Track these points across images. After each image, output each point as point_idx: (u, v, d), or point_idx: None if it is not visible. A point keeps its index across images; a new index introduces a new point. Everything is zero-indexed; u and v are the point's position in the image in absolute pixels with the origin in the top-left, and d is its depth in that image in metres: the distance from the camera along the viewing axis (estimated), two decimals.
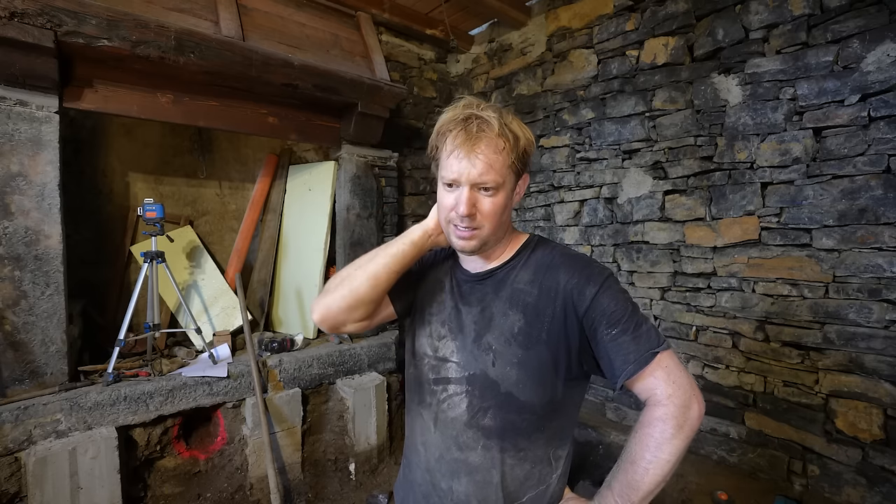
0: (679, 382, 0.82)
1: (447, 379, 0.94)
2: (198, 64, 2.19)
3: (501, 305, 0.90)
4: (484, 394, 0.89)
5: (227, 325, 2.80)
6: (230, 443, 2.43)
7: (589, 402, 3.04)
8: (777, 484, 2.18)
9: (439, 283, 1.01)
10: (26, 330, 1.95)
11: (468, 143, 0.83)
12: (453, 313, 0.96)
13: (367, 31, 3.06)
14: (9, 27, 1.75)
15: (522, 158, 0.87)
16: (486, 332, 0.90)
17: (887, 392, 1.91)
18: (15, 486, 1.86)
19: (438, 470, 0.94)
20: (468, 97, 0.90)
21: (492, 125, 0.83)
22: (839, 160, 2.00)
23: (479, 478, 0.90)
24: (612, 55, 2.85)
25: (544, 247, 0.95)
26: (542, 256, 0.93)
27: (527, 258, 0.94)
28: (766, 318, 2.25)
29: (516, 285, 0.91)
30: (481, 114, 0.84)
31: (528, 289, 0.89)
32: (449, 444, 0.93)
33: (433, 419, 0.95)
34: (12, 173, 1.92)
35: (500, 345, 0.88)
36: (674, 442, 0.79)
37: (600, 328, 0.83)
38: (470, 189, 0.84)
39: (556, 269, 0.89)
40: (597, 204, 2.95)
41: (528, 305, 0.88)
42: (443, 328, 0.96)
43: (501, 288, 0.92)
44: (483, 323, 0.91)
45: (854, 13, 1.94)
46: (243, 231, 3.13)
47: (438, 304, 0.99)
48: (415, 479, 1.01)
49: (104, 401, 2.03)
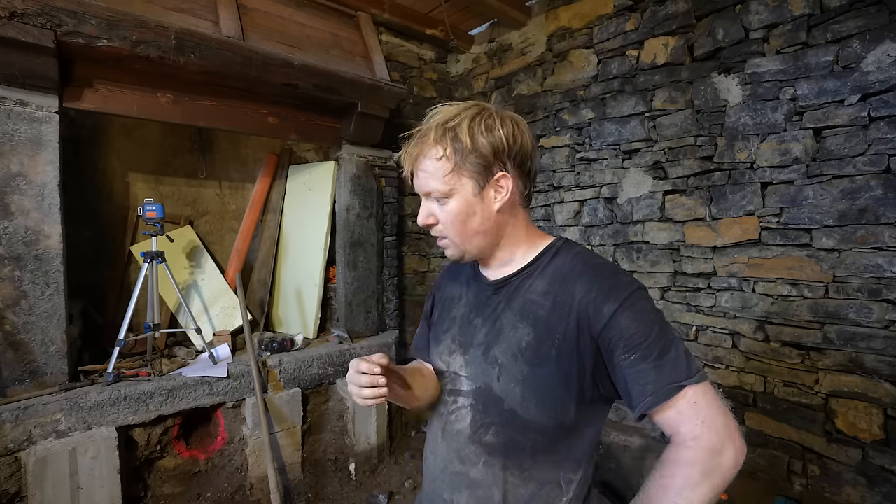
0: (710, 422, 0.70)
1: (458, 391, 0.92)
2: (198, 64, 2.19)
3: (512, 317, 0.85)
4: (487, 409, 0.85)
5: (227, 325, 2.80)
6: (230, 443, 2.43)
7: None
8: (777, 484, 2.18)
9: (451, 300, 0.99)
10: (26, 330, 1.95)
11: (409, 157, 0.85)
12: (464, 327, 0.93)
13: (367, 31, 3.06)
14: (9, 27, 1.75)
15: (481, 160, 0.81)
16: (495, 344, 0.86)
17: (887, 392, 1.91)
18: (15, 486, 1.86)
19: (442, 480, 0.92)
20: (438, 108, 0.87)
21: (427, 136, 0.82)
22: (839, 160, 2.00)
23: (481, 493, 0.86)
24: (612, 55, 2.85)
25: (567, 252, 0.87)
26: (562, 264, 0.85)
27: (545, 265, 0.86)
28: (766, 318, 2.25)
29: (529, 296, 0.84)
30: (425, 125, 0.84)
31: (540, 300, 0.83)
32: (452, 457, 0.90)
33: (441, 429, 0.94)
34: (12, 173, 1.92)
35: (506, 359, 0.83)
36: (698, 491, 0.68)
37: (617, 351, 0.75)
38: (426, 200, 0.85)
39: (574, 280, 0.81)
40: (597, 204, 2.95)
41: (539, 319, 0.81)
42: (453, 344, 0.94)
43: (514, 298, 0.86)
44: (493, 335, 0.87)
45: (854, 13, 1.94)
46: (243, 231, 3.13)
47: (450, 321, 0.97)
48: (425, 488, 1.00)
49: (104, 401, 2.03)
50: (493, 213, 0.85)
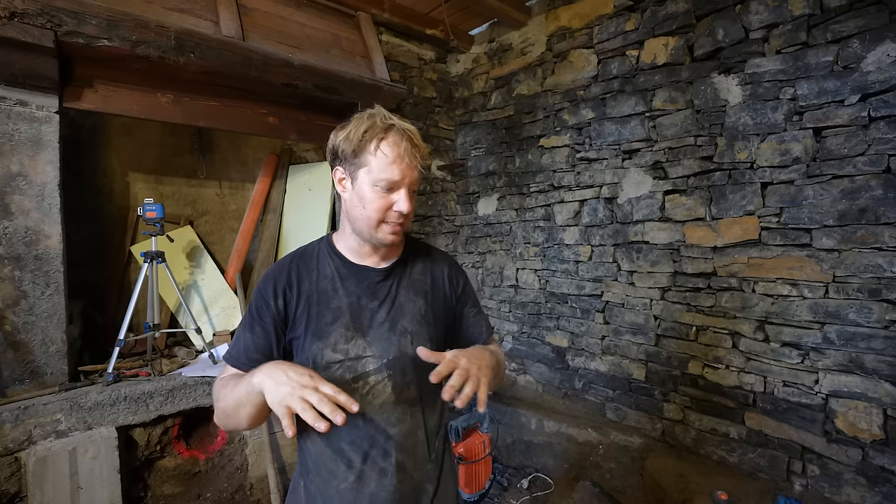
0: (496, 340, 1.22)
1: (366, 373, 1.00)
2: (198, 64, 2.18)
3: (407, 294, 1.06)
4: (405, 371, 1.02)
5: (227, 325, 2.80)
6: (230, 443, 2.43)
7: (589, 401, 3.04)
8: (777, 484, 2.18)
9: (324, 294, 1.02)
10: (26, 330, 1.95)
11: (410, 149, 0.95)
12: (356, 313, 1.01)
13: (367, 31, 3.06)
14: (9, 27, 1.74)
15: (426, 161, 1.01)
16: (400, 318, 1.04)
17: (887, 392, 1.91)
18: (15, 486, 1.86)
19: (376, 457, 0.99)
20: (376, 108, 1.00)
21: (417, 135, 0.97)
22: (839, 160, 2.00)
23: (410, 442, 1.02)
24: (612, 55, 2.85)
25: (416, 243, 1.16)
26: (421, 251, 1.14)
27: (414, 253, 1.12)
28: (766, 318, 2.25)
29: (413, 276, 1.09)
30: (405, 125, 0.96)
31: (422, 278, 1.10)
32: (382, 428, 0.99)
33: (360, 415, 0.97)
34: (12, 173, 1.92)
35: (413, 326, 1.04)
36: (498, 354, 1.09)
37: (466, 307, 1.15)
38: (405, 191, 0.96)
39: (437, 262, 1.14)
40: (597, 204, 2.95)
41: (426, 292, 1.09)
42: (348, 331, 1.00)
43: (403, 279, 1.08)
44: (396, 311, 1.04)
45: (854, 13, 1.94)
46: (243, 231, 3.13)
47: (334, 312, 1.01)
48: (341, 482, 0.99)
49: (104, 401, 2.02)
50: None
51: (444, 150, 3.93)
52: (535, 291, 3.38)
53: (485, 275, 3.77)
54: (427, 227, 3.79)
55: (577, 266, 3.09)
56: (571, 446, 2.81)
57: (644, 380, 2.75)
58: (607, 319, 2.94)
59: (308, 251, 1.08)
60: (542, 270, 3.32)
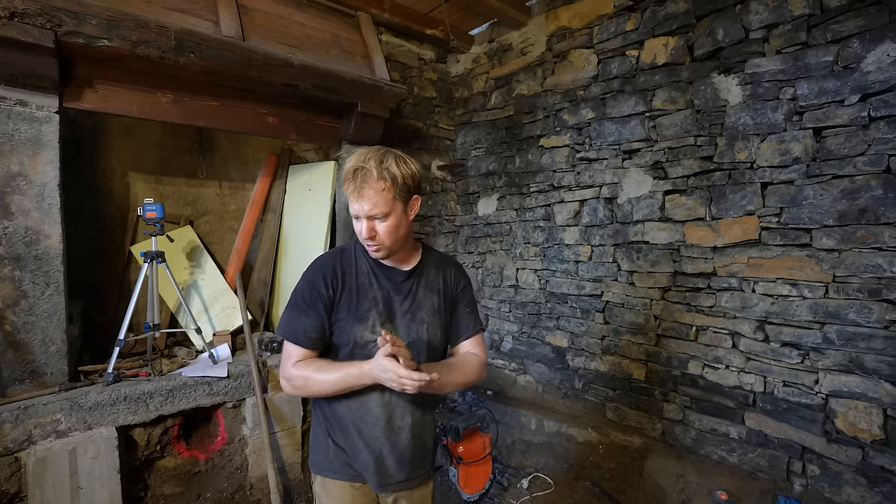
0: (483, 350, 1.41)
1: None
2: (198, 64, 2.18)
3: (424, 291, 1.32)
4: (419, 352, 1.27)
5: (227, 325, 2.80)
6: (230, 443, 2.43)
7: (589, 401, 3.04)
8: (777, 484, 2.18)
9: (363, 287, 1.27)
10: (26, 330, 1.95)
11: (357, 190, 1.14)
12: (388, 304, 1.28)
13: (367, 31, 3.06)
14: (9, 27, 1.75)
15: (405, 188, 1.17)
16: (419, 310, 1.30)
17: (887, 392, 1.91)
18: (15, 485, 1.86)
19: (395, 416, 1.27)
20: (365, 149, 1.19)
21: (371, 173, 1.13)
22: (839, 160, 2.01)
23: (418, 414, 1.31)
24: (612, 55, 2.85)
25: (431, 251, 1.40)
26: (436, 258, 1.39)
27: (428, 259, 1.36)
28: (766, 318, 2.25)
29: (429, 277, 1.34)
30: (365, 164, 1.14)
31: (436, 279, 1.35)
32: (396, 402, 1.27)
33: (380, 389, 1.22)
34: (12, 173, 1.92)
35: (429, 317, 1.31)
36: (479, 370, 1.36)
37: (460, 306, 1.38)
38: (367, 220, 1.17)
39: (447, 267, 1.39)
40: (597, 204, 2.95)
41: (439, 291, 1.34)
42: (381, 316, 1.26)
43: (421, 280, 1.33)
44: (416, 304, 1.31)
45: (854, 13, 1.94)
46: (243, 231, 3.13)
47: (370, 301, 1.26)
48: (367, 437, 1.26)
49: (104, 401, 2.03)
50: (410, 224, 1.26)
51: (444, 150, 3.93)
52: (535, 291, 3.38)
53: (485, 275, 3.77)
54: (427, 226, 3.79)
55: (577, 266, 3.09)
56: (571, 446, 2.81)
57: (644, 380, 2.75)
58: (607, 319, 2.94)
59: (347, 250, 1.32)
60: (542, 270, 3.32)
